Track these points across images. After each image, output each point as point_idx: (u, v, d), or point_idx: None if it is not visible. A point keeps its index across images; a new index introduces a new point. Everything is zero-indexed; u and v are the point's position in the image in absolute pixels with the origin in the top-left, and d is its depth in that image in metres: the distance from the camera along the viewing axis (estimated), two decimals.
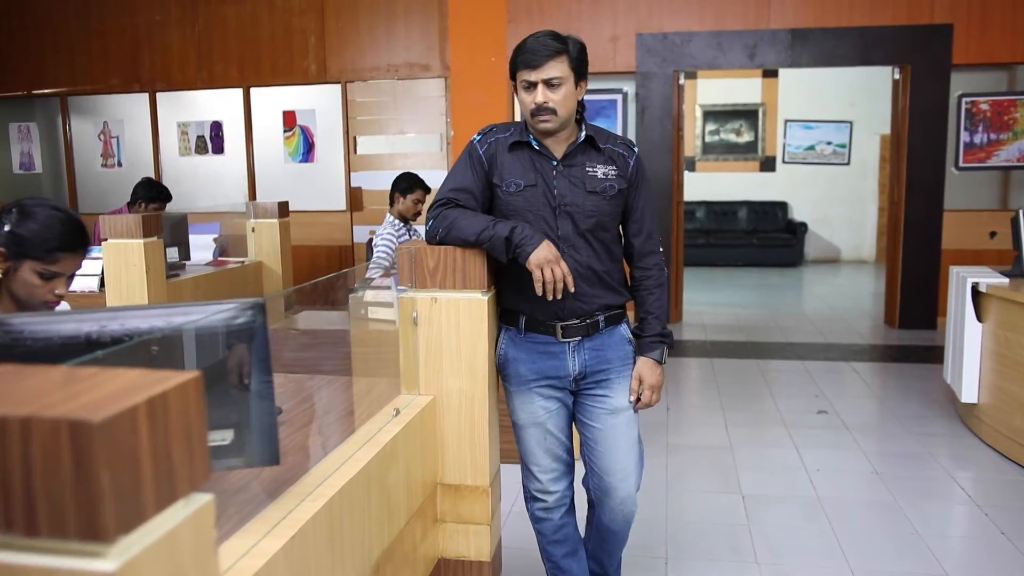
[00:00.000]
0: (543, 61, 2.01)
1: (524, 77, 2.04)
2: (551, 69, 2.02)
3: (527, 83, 2.04)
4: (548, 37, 2.03)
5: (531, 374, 2.18)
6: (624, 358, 2.20)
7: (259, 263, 5.26)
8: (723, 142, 11.28)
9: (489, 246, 1.97)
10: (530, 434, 2.22)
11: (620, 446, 2.20)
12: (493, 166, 2.12)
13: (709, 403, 4.76)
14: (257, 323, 1.30)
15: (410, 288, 2.04)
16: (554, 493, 2.25)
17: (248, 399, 1.35)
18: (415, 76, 6.94)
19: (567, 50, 2.04)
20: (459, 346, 2.04)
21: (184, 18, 7.24)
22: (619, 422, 2.20)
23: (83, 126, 7.65)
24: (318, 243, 7.19)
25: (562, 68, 2.03)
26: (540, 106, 2.03)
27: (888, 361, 5.78)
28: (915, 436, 4.13)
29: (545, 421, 2.20)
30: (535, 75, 2.02)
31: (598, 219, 2.12)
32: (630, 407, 2.20)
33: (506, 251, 1.97)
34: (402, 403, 2.00)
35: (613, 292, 2.18)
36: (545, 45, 2.01)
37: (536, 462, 2.24)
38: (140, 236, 3.84)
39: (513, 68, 2.08)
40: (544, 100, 2.03)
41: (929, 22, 6.31)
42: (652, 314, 2.20)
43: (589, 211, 2.11)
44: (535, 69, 2.02)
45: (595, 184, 2.11)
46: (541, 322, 2.15)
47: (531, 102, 2.04)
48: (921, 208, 6.54)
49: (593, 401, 2.21)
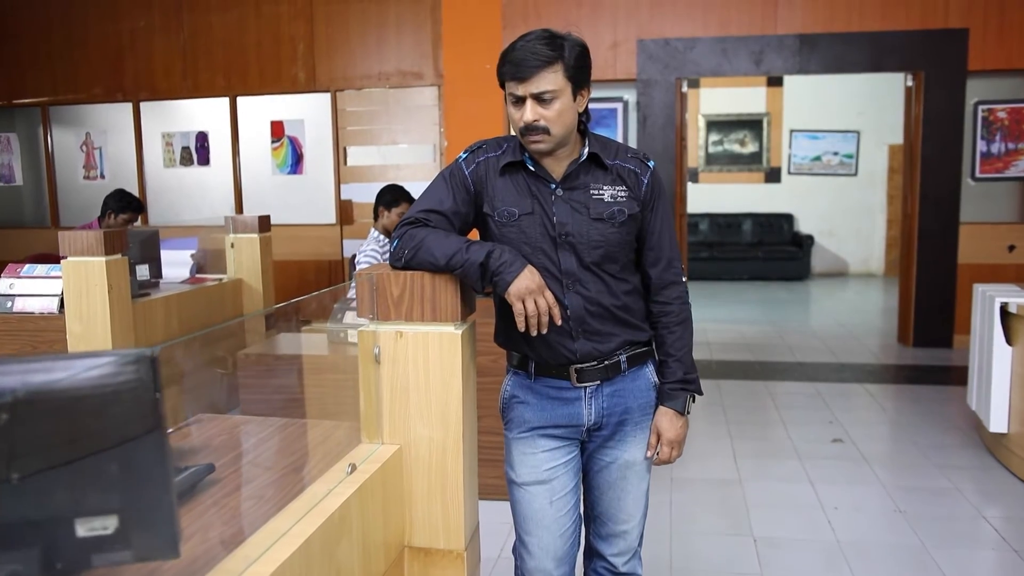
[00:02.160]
0: (531, 73, 1.68)
1: (511, 90, 1.72)
2: (542, 81, 1.69)
3: (515, 97, 1.72)
4: (539, 42, 1.70)
5: (539, 419, 1.88)
6: (645, 407, 1.90)
7: (239, 281, 4.97)
8: (727, 153, 11.01)
9: (461, 272, 1.67)
10: (532, 495, 1.89)
11: (627, 499, 1.93)
12: (483, 191, 1.82)
13: (716, 430, 4.46)
14: (143, 380, 1.01)
15: (371, 320, 1.75)
16: None
17: (137, 476, 1.06)
18: (407, 84, 6.67)
19: (562, 57, 1.70)
20: (428, 388, 1.74)
21: (169, 25, 6.98)
22: (629, 475, 1.91)
23: (65, 137, 7.39)
24: (306, 258, 6.91)
25: (555, 79, 1.70)
26: (529, 125, 1.72)
27: (904, 383, 5.47)
28: (939, 468, 3.82)
29: (551, 478, 1.88)
30: (523, 88, 1.70)
31: (605, 250, 1.79)
32: (645, 461, 1.91)
33: (481, 279, 1.68)
34: (362, 454, 1.71)
35: (632, 328, 1.86)
36: (534, 53, 1.68)
37: (534, 532, 1.90)
38: (102, 254, 3.55)
39: (500, 78, 1.75)
40: (534, 118, 1.70)
41: (943, 26, 6.03)
42: (673, 356, 1.88)
43: (595, 241, 1.78)
44: (522, 82, 1.69)
45: (600, 209, 1.79)
46: (552, 365, 1.86)
47: (520, 120, 1.73)
48: (936, 221, 6.25)
49: (602, 454, 1.91)
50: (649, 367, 1.92)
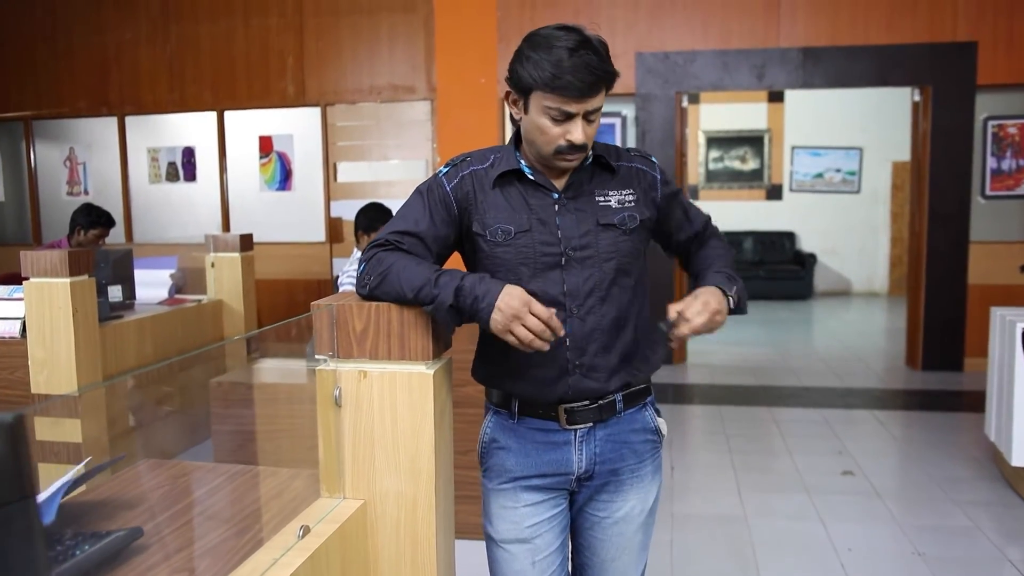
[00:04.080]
0: (594, 91, 1.48)
1: (559, 105, 1.48)
2: (596, 100, 1.50)
3: (561, 113, 1.49)
4: (595, 57, 1.47)
5: (522, 468, 1.66)
6: (643, 455, 1.68)
7: (219, 302, 4.75)
8: (727, 169, 10.82)
9: (432, 311, 1.45)
10: (511, 555, 1.67)
11: (622, 560, 1.70)
12: (470, 209, 1.59)
13: (719, 460, 4.23)
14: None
15: (331, 358, 1.54)
16: None
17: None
18: (399, 99, 6.48)
19: (615, 74, 1.53)
20: (396, 435, 1.52)
21: (155, 37, 6.80)
22: (625, 531, 1.69)
23: (48, 152, 7.19)
24: (295, 276, 6.69)
25: (603, 96, 1.53)
26: (576, 145, 1.51)
27: (915, 409, 5.24)
28: (957, 505, 3.59)
29: (533, 536, 1.66)
30: (578, 106, 1.48)
31: (617, 261, 1.59)
32: (643, 514, 1.69)
33: (456, 320, 1.47)
34: (319, 512, 1.49)
35: (634, 365, 1.64)
36: (594, 70, 1.46)
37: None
38: (66, 274, 3.33)
39: (533, 85, 1.50)
40: (583, 139, 1.51)
41: (952, 40, 5.85)
42: (715, 267, 1.70)
43: (605, 252, 1.58)
44: (581, 100, 1.48)
45: (609, 216, 1.59)
46: (540, 403, 1.63)
47: (560, 137, 1.51)
48: (945, 240, 6.04)
49: (593, 507, 1.69)
50: (648, 409, 1.70)
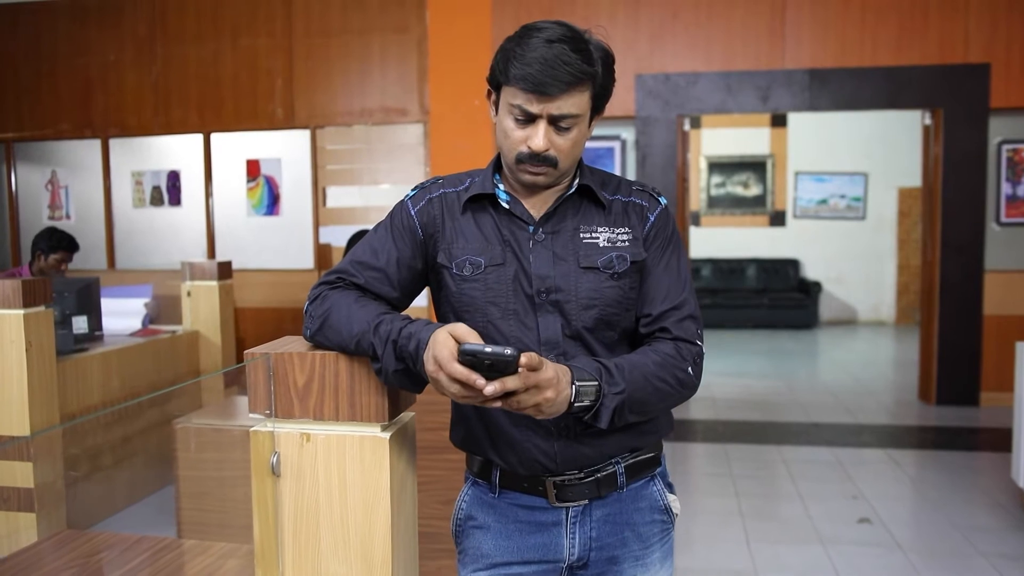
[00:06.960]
0: (559, 90, 1.23)
1: (521, 103, 1.25)
2: (567, 103, 1.25)
3: (523, 112, 1.26)
4: (571, 50, 1.23)
5: (501, 553, 1.39)
6: (649, 539, 1.41)
7: (195, 333, 4.50)
8: (730, 195, 10.59)
9: (377, 371, 1.20)
10: None
11: None
12: (436, 235, 1.35)
13: (725, 507, 3.94)
14: None
15: (267, 417, 1.28)
16: None
17: None
18: (391, 121, 6.26)
19: (595, 75, 1.27)
20: (346, 511, 1.26)
21: (141, 58, 6.60)
22: None
23: (29, 175, 6.97)
24: (282, 304, 6.43)
25: (581, 101, 1.27)
26: (536, 153, 1.27)
27: (931, 447, 4.95)
28: (986, 558, 3.30)
29: None
30: (540, 107, 1.25)
31: (600, 311, 1.32)
32: None
33: (411, 384, 1.22)
34: None
35: (635, 426, 1.34)
36: (567, 65, 1.22)
37: None
38: (19, 305, 3.08)
39: (501, 77, 1.28)
40: (545, 147, 1.26)
41: (963, 61, 5.64)
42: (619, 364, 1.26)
43: (585, 299, 1.31)
44: (543, 99, 1.24)
45: (593, 256, 1.32)
46: (523, 475, 1.36)
47: (521, 142, 1.28)
48: (959, 268, 5.79)
49: None
50: (657, 483, 1.43)
